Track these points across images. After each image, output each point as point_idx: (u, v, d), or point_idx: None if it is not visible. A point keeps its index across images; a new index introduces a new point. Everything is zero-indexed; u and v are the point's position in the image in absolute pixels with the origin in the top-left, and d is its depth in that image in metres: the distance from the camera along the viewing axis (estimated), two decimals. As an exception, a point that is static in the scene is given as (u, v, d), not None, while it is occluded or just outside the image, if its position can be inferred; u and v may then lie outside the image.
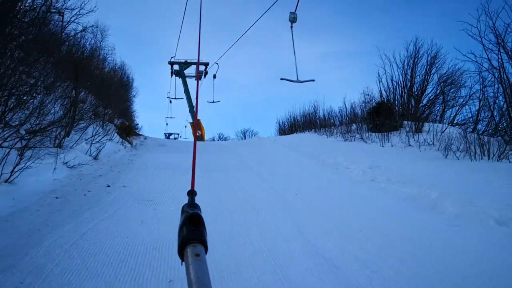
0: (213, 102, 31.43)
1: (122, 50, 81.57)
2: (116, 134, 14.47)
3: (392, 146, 12.90)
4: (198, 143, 19.11)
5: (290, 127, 24.44)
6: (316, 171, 9.43)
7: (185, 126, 49.98)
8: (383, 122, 16.44)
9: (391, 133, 14.85)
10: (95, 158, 9.77)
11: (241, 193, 6.99)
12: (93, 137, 10.54)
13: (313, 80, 9.10)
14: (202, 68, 34.54)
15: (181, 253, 0.88)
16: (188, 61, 34.78)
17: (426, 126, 14.53)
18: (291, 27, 8.54)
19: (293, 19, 8.31)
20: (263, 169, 9.76)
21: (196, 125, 12.06)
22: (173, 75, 35.05)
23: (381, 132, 15.53)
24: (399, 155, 10.99)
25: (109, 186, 7.15)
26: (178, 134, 54.68)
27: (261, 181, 8.21)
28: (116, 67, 21.17)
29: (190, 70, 35.33)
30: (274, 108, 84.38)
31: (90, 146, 9.89)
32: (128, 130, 16.90)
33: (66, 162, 7.93)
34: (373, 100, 21.93)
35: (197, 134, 32.05)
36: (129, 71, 25.37)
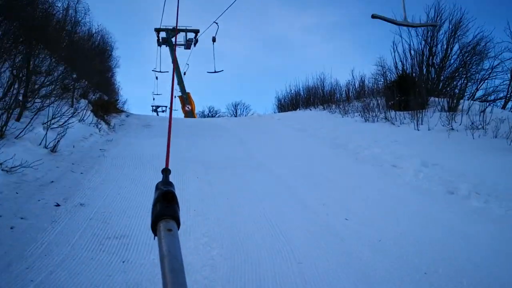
0: (215, 72, 25.88)
1: (104, 18, 76.96)
2: (90, 113, 11.85)
3: (429, 129, 10.50)
4: (188, 122, 16.51)
5: (291, 103, 21.88)
6: (353, 170, 7.02)
7: (175, 97, 47.12)
8: (408, 98, 14.02)
9: (411, 112, 12.48)
10: (53, 150, 7.22)
11: (263, 221, 4.53)
12: (52, 120, 7.95)
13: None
14: (192, 35, 31.53)
15: (154, 228, 0.89)
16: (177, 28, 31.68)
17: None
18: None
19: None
20: (281, 166, 7.32)
21: (185, 100, 9.52)
22: (160, 44, 31.95)
23: (407, 110, 13.12)
24: (449, 144, 8.59)
25: (58, 205, 4.65)
26: (166, 106, 51.88)
27: (285, 190, 5.80)
28: (93, 33, 18.24)
29: (179, 38, 32.26)
30: (266, 81, 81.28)
31: (46, 133, 7.32)
32: (106, 107, 14.24)
33: (1, 163, 5.39)
34: (389, 72, 19.49)
35: (187, 109, 29.28)
36: (108, 38, 22.46)
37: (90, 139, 9.42)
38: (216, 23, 19.28)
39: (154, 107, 53.31)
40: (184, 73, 32.11)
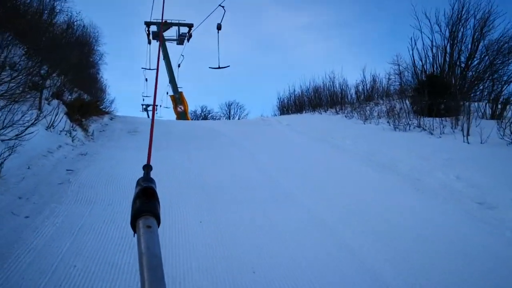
0: (219, 68, 19.86)
1: (92, 13, 74.11)
2: (64, 117, 9.67)
3: (482, 142, 8.49)
4: (181, 125, 14.34)
5: (296, 105, 19.82)
6: (428, 211, 4.89)
7: (167, 93, 44.94)
8: (441, 102, 12.08)
9: (448, 119, 10.52)
10: (-6, 175, 5.06)
11: None
12: (1, 129, 5.80)
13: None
14: (185, 30, 29.29)
15: (134, 225, 0.87)
16: (168, 21, 29.38)
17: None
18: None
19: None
20: (317, 199, 5.24)
21: (177, 99, 7.47)
22: (150, 40, 29.64)
23: (441, 116, 11.15)
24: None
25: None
26: (157, 106, 49.67)
27: (341, 251, 3.71)
28: (74, 24, 15.95)
29: (171, 33, 30.01)
30: (260, 81, 79.03)
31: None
32: (85, 109, 12.04)
33: None
34: (407, 72, 17.52)
35: (179, 110, 27.03)
36: (91, 29, 20.16)
37: (57, 153, 7.26)
38: (222, 6, 15.33)
39: (144, 106, 51.08)
40: (179, 65, 29.77)
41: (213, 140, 10.22)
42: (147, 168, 1.16)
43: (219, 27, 10.14)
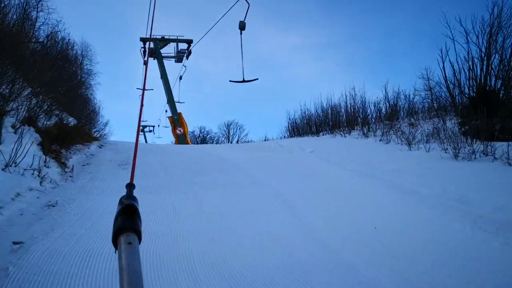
0: (244, 81, 11.86)
1: (88, 33, 72.38)
2: (35, 148, 7.44)
3: None
4: (182, 152, 12.05)
5: (309, 126, 17.62)
6: None
7: (166, 111, 42.81)
8: (496, 122, 10.00)
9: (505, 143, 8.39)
10: None
11: None
12: None
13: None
14: (184, 46, 27.27)
15: (115, 241, 0.88)
16: (166, 37, 27.40)
17: None
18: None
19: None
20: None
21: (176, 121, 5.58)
22: (145, 58, 27.53)
23: (498, 140, 9.03)
24: None
25: None
26: (153, 126, 47.50)
27: None
28: (58, 37, 13.84)
29: (169, 50, 28.00)
30: (257, 100, 77.01)
31: None
32: (66, 136, 9.79)
33: None
34: (438, 86, 15.45)
35: (178, 132, 24.75)
36: (83, 47, 18.10)
37: (10, 207, 4.99)
38: (247, 1, 11.27)
39: (141, 128, 48.83)
40: (180, 78, 27.58)
41: (226, 175, 7.94)
42: (130, 186, 1.14)
43: (242, 27, 7.85)
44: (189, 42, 26.86)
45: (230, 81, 8.84)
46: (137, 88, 27.16)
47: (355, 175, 7.71)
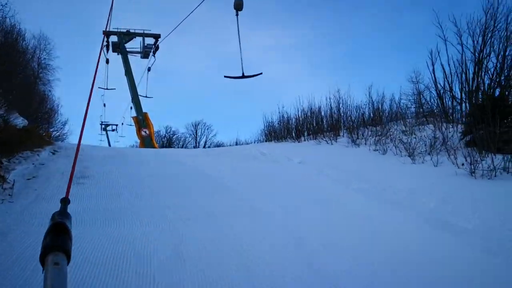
0: (244, 77, 7.31)
1: (50, 28, 68.34)
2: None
3: None
4: (147, 161, 10.44)
5: (289, 130, 16.32)
6: None
7: (130, 108, 40.46)
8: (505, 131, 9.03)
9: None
10: None
11: None
12: None
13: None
14: (151, 41, 25.42)
15: (42, 261, 0.85)
16: (132, 31, 25.47)
17: None
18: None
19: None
20: None
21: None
22: (107, 51, 25.46)
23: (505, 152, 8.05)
24: None
25: None
26: (116, 125, 45.06)
27: None
28: (6, 23, 11.87)
29: (135, 44, 26.05)
30: (224, 100, 75.05)
31: None
32: (11, 140, 8.02)
33: None
34: (428, 91, 14.54)
35: (143, 134, 22.86)
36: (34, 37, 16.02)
37: None
38: None
39: (103, 125, 46.41)
40: (149, 69, 25.51)
41: (209, 198, 6.42)
42: (65, 202, 1.10)
43: (238, 6, 6.26)
44: (156, 37, 25.05)
45: (225, 76, 7.09)
46: (99, 87, 25.28)
47: (362, 196, 6.40)
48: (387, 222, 5.25)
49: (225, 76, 7.08)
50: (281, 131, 16.71)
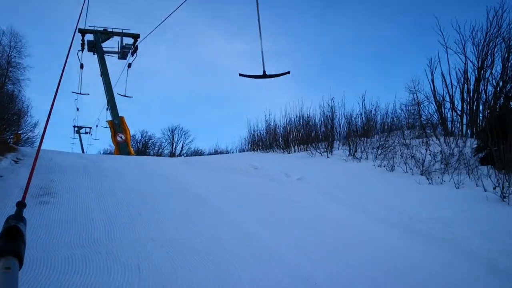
0: (266, 76, 6.13)
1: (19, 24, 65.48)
2: None
3: None
4: (123, 174, 9.14)
5: (276, 140, 15.25)
6: None
7: (107, 109, 38.53)
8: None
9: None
10: None
11: None
12: None
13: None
14: (130, 41, 24.00)
15: None
16: (109, 29, 24.00)
17: None
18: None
19: None
20: None
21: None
22: (82, 51, 23.92)
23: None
24: None
25: None
26: (90, 128, 43.22)
27: None
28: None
29: (112, 44, 24.58)
30: (199, 105, 73.40)
31: None
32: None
33: None
34: (427, 101, 13.76)
35: (119, 139, 21.33)
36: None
37: None
38: None
39: (76, 128, 44.54)
40: (129, 66, 23.85)
41: (199, 224, 5.24)
42: (21, 205, 1.06)
43: None
44: (135, 37, 23.64)
45: (240, 75, 5.77)
46: (72, 92, 23.76)
47: (391, 230, 5.33)
48: (438, 269, 4.18)
49: (240, 75, 5.86)
50: (267, 140, 15.63)
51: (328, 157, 11.37)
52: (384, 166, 8.99)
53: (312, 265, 3.96)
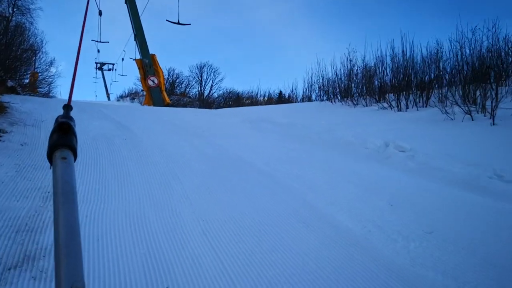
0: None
1: None
2: None
3: None
4: (161, 146, 5.82)
5: (346, 90, 11.66)
6: None
7: (124, 56, 35.14)
8: None
9: None
10: None
11: None
12: None
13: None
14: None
15: (50, 157, 0.86)
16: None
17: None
18: None
19: None
20: None
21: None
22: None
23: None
24: None
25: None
26: (113, 64, 40.16)
27: None
28: None
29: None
30: (222, 42, 69.12)
31: None
32: None
33: None
34: None
35: (151, 83, 17.60)
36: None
37: None
38: None
39: (98, 64, 41.62)
40: None
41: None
42: (67, 107, 1.07)
43: None
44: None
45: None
46: (92, 40, 20.33)
47: None
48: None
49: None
50: (334, 90, 12.12)
51: (417, 110, 7.79)
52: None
53: None
